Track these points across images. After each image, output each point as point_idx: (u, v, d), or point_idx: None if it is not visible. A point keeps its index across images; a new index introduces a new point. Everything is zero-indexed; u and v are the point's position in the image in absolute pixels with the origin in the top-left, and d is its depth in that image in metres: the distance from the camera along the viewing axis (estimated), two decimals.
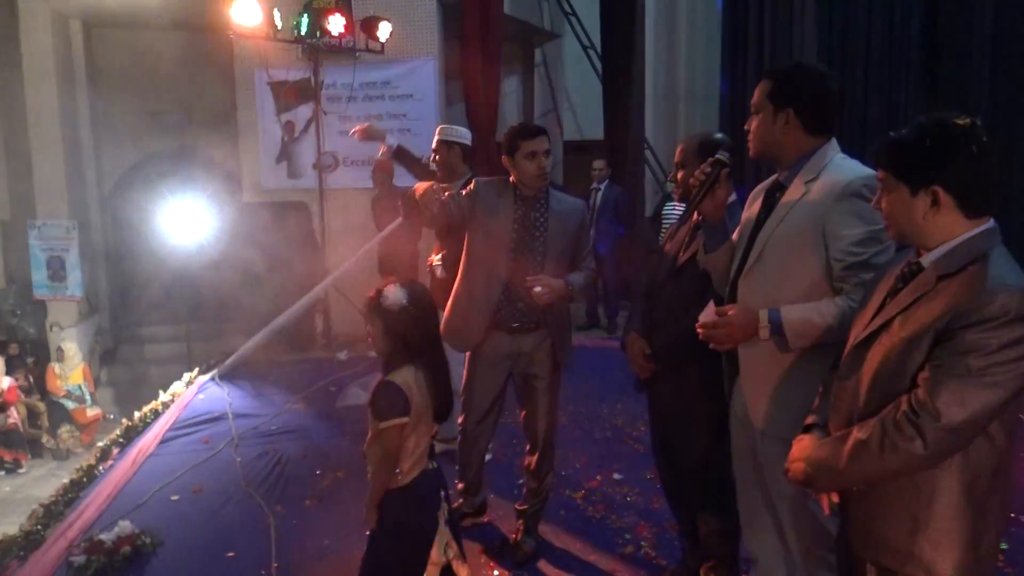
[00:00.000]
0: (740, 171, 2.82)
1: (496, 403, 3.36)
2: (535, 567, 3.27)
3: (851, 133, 8.59)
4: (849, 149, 2.15)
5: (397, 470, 2.34)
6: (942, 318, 1.52)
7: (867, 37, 8.76)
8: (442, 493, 2.45)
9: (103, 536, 3.45)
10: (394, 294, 2.30)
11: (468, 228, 3.23)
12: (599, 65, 9.67)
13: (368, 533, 2.42)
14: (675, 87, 10.74)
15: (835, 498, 1.74)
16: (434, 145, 4.11)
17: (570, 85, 11.04)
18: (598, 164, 7.81)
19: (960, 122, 1.57)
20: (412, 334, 2.32)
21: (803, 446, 1.73)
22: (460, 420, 3.43)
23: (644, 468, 4.12)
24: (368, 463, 2.39)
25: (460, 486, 3.53)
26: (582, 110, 10.91)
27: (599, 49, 9.62)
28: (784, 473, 1.76)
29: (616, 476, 4.16)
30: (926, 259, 1.62)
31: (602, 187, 7.77)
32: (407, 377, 2.32)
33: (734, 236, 2.34)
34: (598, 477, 4.15)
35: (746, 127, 2.24)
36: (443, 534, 2.41)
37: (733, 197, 2.58)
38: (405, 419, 2.29)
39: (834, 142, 2.14)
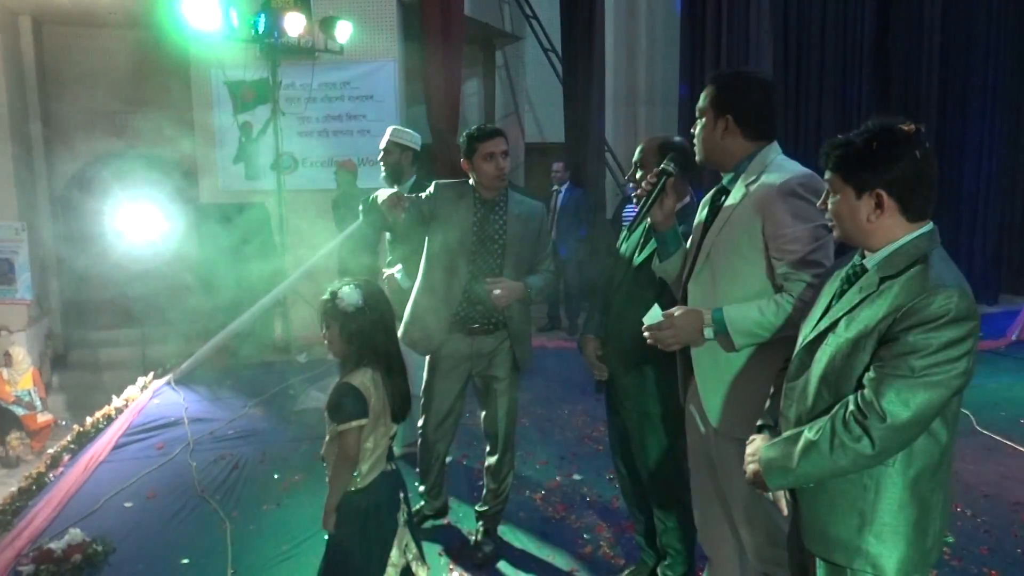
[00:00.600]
0: (700, 173, 2.84)
1: (455, 405, 3.35)
2: (494, 568, 3.27)
3: (806, 136, 8.79)
4: (804, 152, 2.20)
5: (356, 472, 2.33)
6: (885, 319, 1.56)
7: (821, 43, 8.96)
8: (401, 495, 2.44)
9: (53, 545, 3.37)
10: (349, 295, 2.29)
11: (428, 232, 3.22)
12: (560, 68, 9.72)
13: (327, 536, 2.40)
14: (635, 90, 10.84)
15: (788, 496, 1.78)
16: (384, 145, 4.09)
17: (531, 87, 11.07)
18: (557, 167, 7.87)
19: (905, 128, 1.62)
20: (369, 335, 2.31)
21: (755, 446, 1.77)
22: (420, 423, 3.43)
23: (604, 468, 4.16)
24: (326, 466, 2.37)
25: (421, 489, 3.52)
26: (543, 112, 10.95)
27: (559, 52, 9.67)
28: (741, 474, 1.79)
29: (576, 476, 4.19)
30: (870, 261, 1.67)
31: (563, 189, 7.82)
32: (365, 379, 2.31)
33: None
34: (558, 478, 4.17)
35: (692, 131, 2.27)
36: (403, 536, 2.41)
37: (688, 200, 2.62)
38: (363, 421, 2.29)
39: (775, 145, 2.18)
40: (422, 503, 3.54)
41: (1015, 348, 6.82)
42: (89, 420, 5.22)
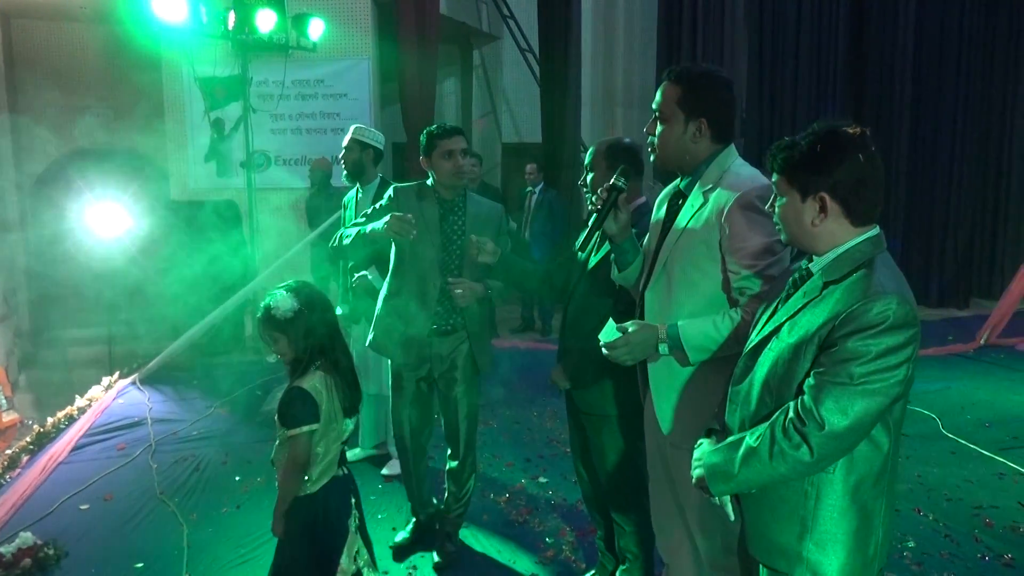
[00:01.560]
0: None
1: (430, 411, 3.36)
2: (455, 571, 3.24)
3: (781, 135, 8.80)
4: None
5: (306, 477, 2.29)
6: (826, 324, 1.54)
7: (796, 43, 9.03)
8: (353, 500, 2.40)
9: (2, 549, 3.29)
10: (283, 301, 2.25)
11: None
12: (537, 68, 9.71)
13: (277, 541, 2.36)
14: (612, 91, 10.84)
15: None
16: (346, 142, 4.05)
17: (508, 87, 11.05)
18: (530, 168, 7.84)
19: (851, 131, 1.60)
20: (315, 334, 2.27)
21: (701, 451, 1.75)
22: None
23: (570, 471, 4.09)
24: (277, 470, 2.33)
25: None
26: (520, 112, 10.93)
27: (537, 52, 9.66)
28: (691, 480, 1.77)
29: (542, 479, 4.17)
30: (815, 265, 1.65)
31: (536, 190, 7.80)
32: (316, 382, 2.27)
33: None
34: (523, 480, 4.14)
35: (646, 131, 2.18)
36: (353, 542, 2.37)
37: (642, 200, 2.60)
38: (315, 426, 2.25)
39: (732, 148, 2.14)
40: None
41: (983, 352, 6.88)
42: (50, 420, 5.13)
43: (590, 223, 2.23)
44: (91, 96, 9.29)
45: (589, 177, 2.63)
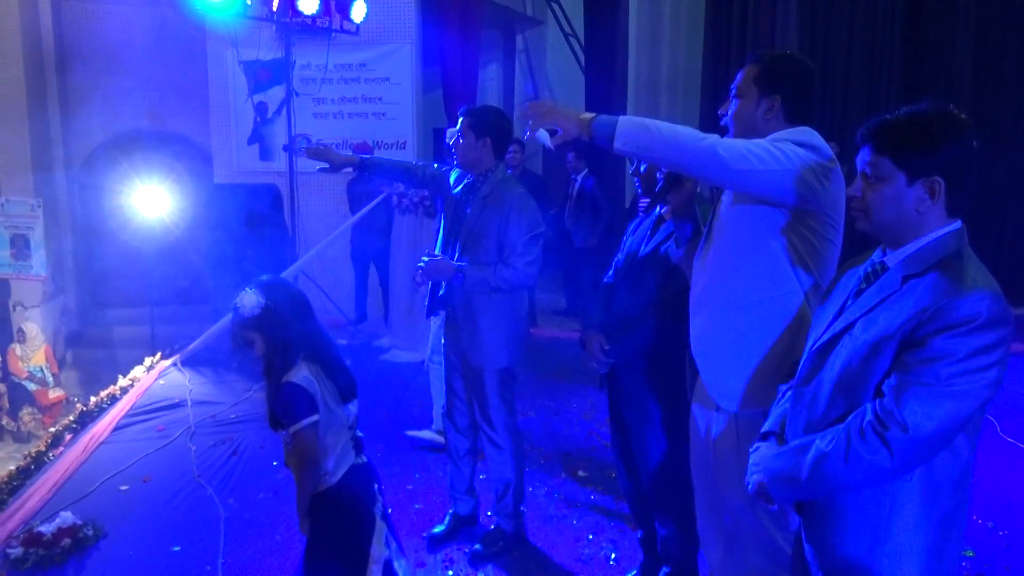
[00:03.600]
0: None
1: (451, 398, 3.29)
2: (492, 566, 3.17)
3: (831, 121, 8.52)
4: (826, 137, 2.07)
5: (323, 471, 2.23)
6: (909, 322, 1.42)
7: (849, 27, 8.70)
8: (376, 486, 2.34)
9: (43, 528, 3.31)
10: (248, 298, 2.18)
11: None
12: (581, 54, 9.55)
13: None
14: (657, 77, 10.63)
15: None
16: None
17: (551, 73, 10.90)
18: (570, 156, 7.65)
19: (963, 115, 1.49)
20: (288, 325, 2.19)
21: (759, 456, 1.63)
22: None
23: (610, 467, 4.02)
24: (292, 472, 2.27)
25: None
26: (563, 98, 10.76)
27: (581, 37, 9.50)
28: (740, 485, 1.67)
29: (580, 473, 4.07)
30: (892, 258, 1.52)
31: (579, 178, 7.66)
32: (304, 373, 2.19)
33: None
34: (562, 475, 4.05)
35: (722, 112, 2.16)
36: (381, 529, 2.31)
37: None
38: (315, 417, 2.18)
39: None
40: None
41: None
42: (93, 399, 5.18)
43: (654, 193, 2.16)
44: (138, 79, 9.37)
45: (643, 167, 2.52)
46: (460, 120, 3.07)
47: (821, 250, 1.95)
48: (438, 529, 3.39)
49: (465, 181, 3.16)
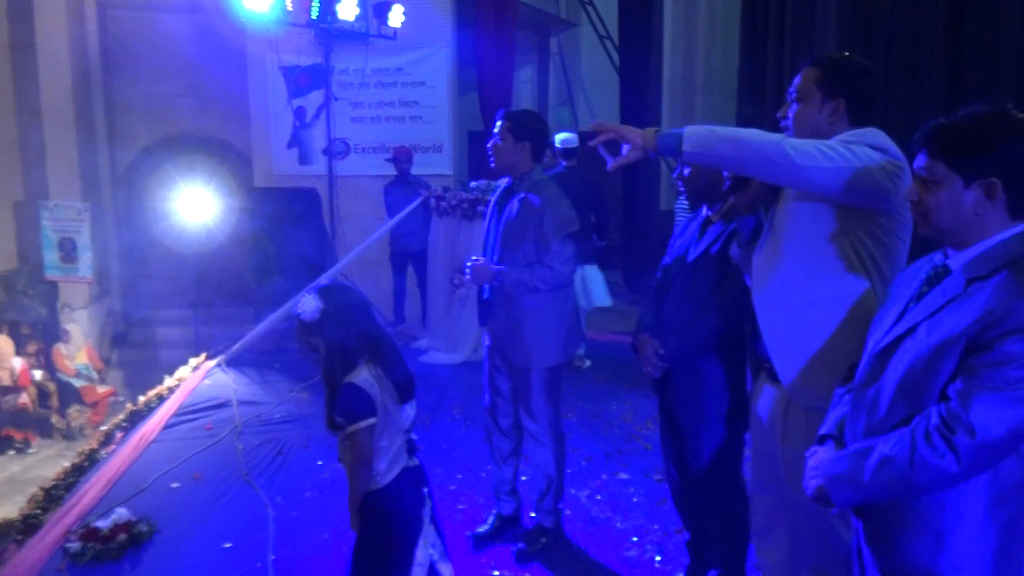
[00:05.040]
0: None
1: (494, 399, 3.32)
2: (534, 567, 3.19)
3: (871, 124, 8.42)
4: None
5: (375, 472, 2.27)
6: (975, 325, 1.41)
7: (890, 30, 8.56)
8: (424, 490, 2.38)
9: (100, 523, 3.41)
10: (307, 304, 2.23)
11: None
12: (615, 55, 9.54)
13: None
14: (693, 78, 10.56)
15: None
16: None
17: (586, 75, 10.90)
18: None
19: (1021, 115, 1.48)
20: (347, 329, 2.24)
21: (818, 459, 1.63)
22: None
23: (652, 469, 4.04)
24: (346, 470, 2.32)
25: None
26: (597, 100, 10.78)
27: (616, 39, 9.49)
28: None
29: (623, 476, 4.07)
30: (955, 261, 1.52)
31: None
32: (365, 375, 2.24)
33: None
34: (603, 476, 4.07)
35: (780, 115, 2.15)
36: (427, 533, 2.35)
37: None
38: (372, 419, 2.22)
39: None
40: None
41: None
42: (142, 399, 5.31)
43: (723, 193, 2.18)
44: (180, 84, 9.58)
45: (687, 171, 2.53)
46: (498, 124, 3.11)
47: (893, 248, 1.94)
48: (482, 529, 3.42)
49: (504, 184, 3.22)
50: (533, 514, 3.40)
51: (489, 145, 3.16)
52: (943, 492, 1.47)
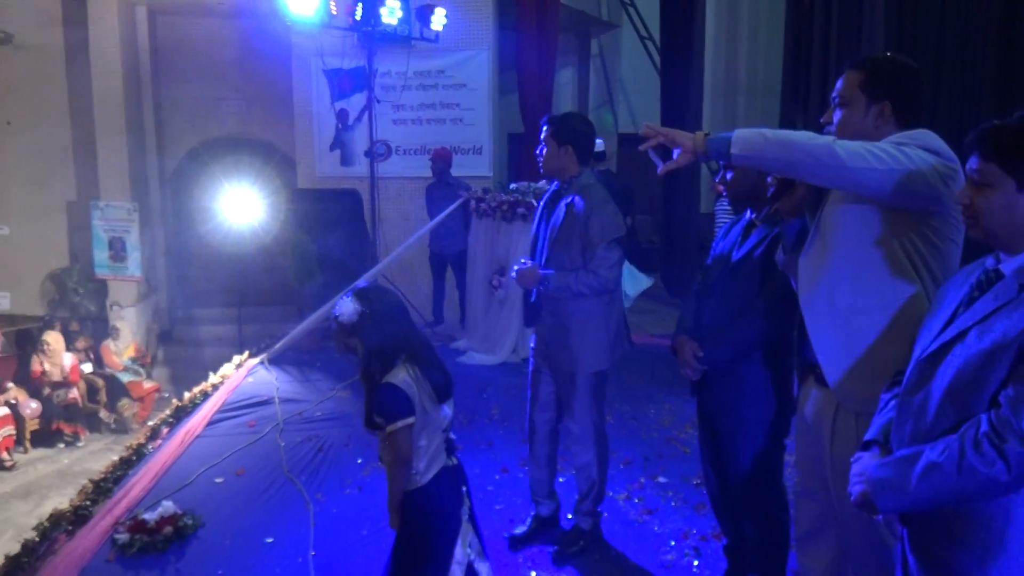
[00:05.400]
0: None
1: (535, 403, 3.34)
2: (571, 569, 3.19)
3: (918, 124, 8.24)
4: None
5: (414, 471, 2.29)
6: None
7: (940, 31, 8.38)
8: (464, 489, 2.40)
9: (147, 515, 3.50)
10: (346, 307, 2.28)
11: None
12: (657, 56, 9.48)
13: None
14: (735, 78, 10.47)
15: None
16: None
17: (626, 76, 10.86)
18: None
19: None
20: (385, 331, 2.28)
21: (863, 465, 1.61)
22: None
23: (691, 473, 4.01)
24: (386, 469, 2.35)
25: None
26: (638, 102, 10.73)
27: (657, 40, 9.43)
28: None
29: (661, 479, 4.05)
30: (1007, 265, 1.49)
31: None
32: (403, 375, 2.27)
33: None
34: (642, 479, 4.05)
35: (824, 120, 2.12)
36: (466, 532, 2.37)
37: None
38: (411, 419, 2.25)
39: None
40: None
41: None
42: (187, 395, 5.42)
43: (768, 198, 2.17)
44: (226, 87, 9.79)
45: (729, 175, 2.51)
46: (543, 129, 3.12)
47: (945, 251, 1.91)
48: (519, 530, 3.43)
49: (552, 188, 3.22)
50: (571, 516, 3.40)
51: (536, 151, 3.19)
52: (992, 501, 1.44)
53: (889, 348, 1.88)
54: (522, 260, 3.16)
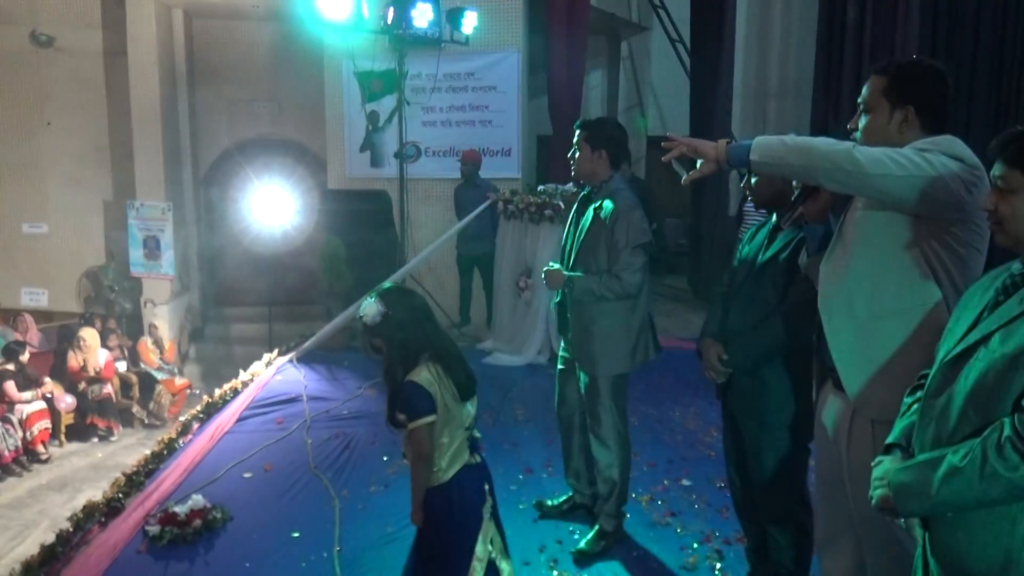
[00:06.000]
0: None
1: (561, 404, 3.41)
2: (594, 570, 3.20)
3: (953, 128, 8.09)
4: None
5: (436, 467, 2.32)
6: None
7: (975, 34, 8.24)
8: (486, 487, 2.42)
9: (177, 508, 3.57)
10: (370, 307, 2.32)
11: None
12: (687, 59, 9.44)
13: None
14: (766, 82, 10.38)
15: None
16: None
17: (656, 79, 10.82)
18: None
19: None
20: (409, 331, 2.31)
21: (884, 469, 1.60)
22: None
23: (715, 476, 3.99)
24: (409, 465, 2.39)
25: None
26: (667, 105, 10.68)
27: (688, 43, 9.39)
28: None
29: (685, 482, 4.04)
30: None
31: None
32: (426, 374, 2.30)
33: None
34: (665, 482, 4.04)
35: (850, 126, 2.11)
36: (487, 529, 2.39)
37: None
38: (432, 417, 2.28)
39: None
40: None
41: None
42: (217, 392, 5.52)
43: (792, 202, 2.18)
44: (260, 90, 9.93)
45: (754, 180, 2.51)
46: (576, 133, 3.15)
47: (967, 258, 1.89)
48: (551, 501, 3.64)
49: (584, 192, 3.27)
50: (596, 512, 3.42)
51: (569, 155, 3.22)
52: (1013, 505, 1.43)
53: (908, 356, 1.87)
54: (551, 263, 3.21)
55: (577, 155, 3.15)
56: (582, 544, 3.29)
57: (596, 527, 3.35)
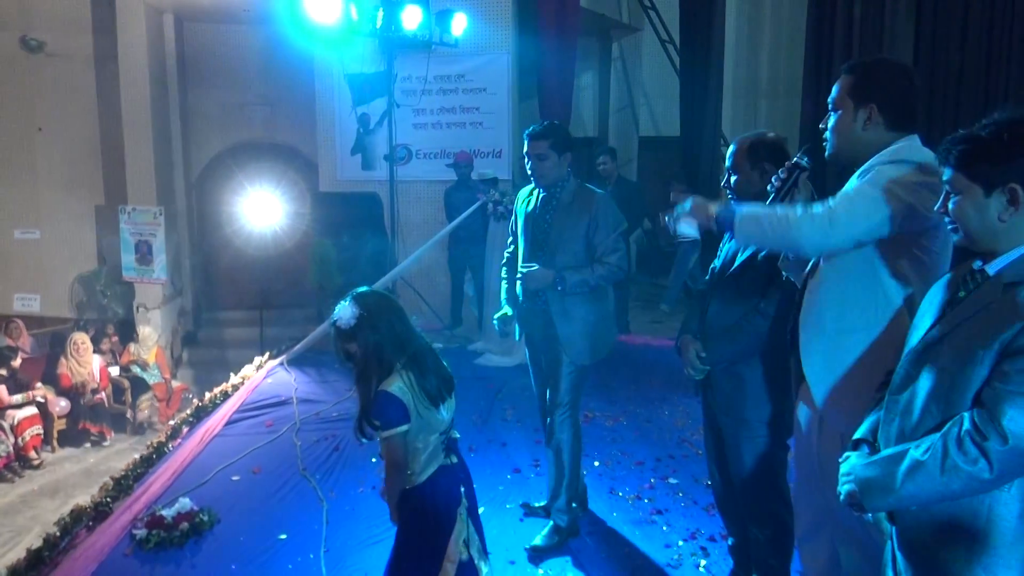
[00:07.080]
0: (821, 174, 2.70)
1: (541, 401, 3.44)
2: (580, 570, 3.21)
3: (942, 126, 8.13)
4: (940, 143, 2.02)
5: (409, 471, 2.33)
6: (1011, 330, 1.40)
7: (963, 28, 8.27)
8: (462, 488, 2.42)
9: (164, 512, 3.58)
10: (344, 311, 2.29)
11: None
12: (677, 59, 9.46)
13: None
14: (756, 81, 10.42)
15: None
16: None
17: (647, 80, 10.84)
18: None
19: None
20: (384, 334, 2.29)
21: (850, 464, 1.62)
22: None
23: (702, 474, 4.00)
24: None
25: None
26: (658, 105, 10.71)
27: (678, 43, 9.42)
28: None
29: (672, 480, 4.06)
30: (992, 266, 1.50)
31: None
32: (399, 383, 2.27)
33: None
34: (652, 480, 4.06)
35: (822, 125, 2.14)
36: (461, 530, 2.38)
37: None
38: (405, 426, 2.27)
39: (915, 139, 2.03)
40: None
41: None
42: (208, 395, 5.52)
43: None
44: (250, 93, 9.92)
45: (733, 179, 2.53)
46: (535, 143, 3.20)
47: (931, 265, 1.94)
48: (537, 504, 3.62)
49: (538, 195, 3.32)
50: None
51: (529, 167, 3.29)
52: (977, 499, 1.45)
53: (869, 369, 1.90)
54: (531, 265, 3.23)
55: (546, 163, 3.20)
56: (536, 540, 3.33)
57: (550, 523, 3.38)
